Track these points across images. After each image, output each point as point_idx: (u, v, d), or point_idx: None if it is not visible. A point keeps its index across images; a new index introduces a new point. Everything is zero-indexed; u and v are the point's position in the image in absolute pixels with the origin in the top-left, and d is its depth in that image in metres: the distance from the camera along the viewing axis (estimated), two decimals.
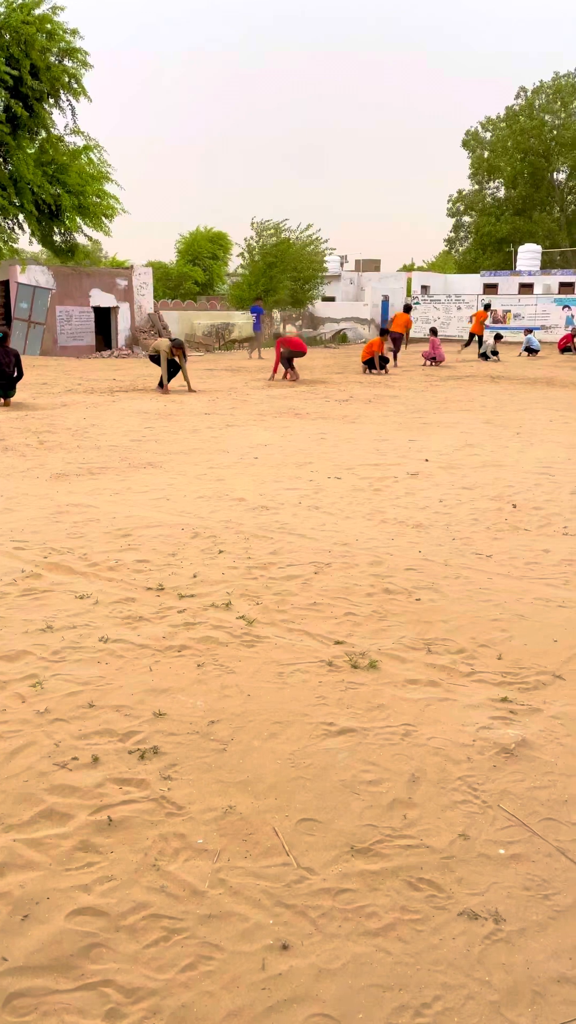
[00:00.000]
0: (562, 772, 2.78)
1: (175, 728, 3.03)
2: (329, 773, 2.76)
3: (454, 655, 3.71)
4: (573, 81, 43.37)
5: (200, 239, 50.82)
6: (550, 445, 9.31)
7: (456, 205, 47.17)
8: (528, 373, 19.61)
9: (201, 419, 11.45)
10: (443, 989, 1.90)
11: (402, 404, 13.26)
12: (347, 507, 6.40)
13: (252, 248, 30.33)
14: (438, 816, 2.54)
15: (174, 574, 4.71)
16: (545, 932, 2.08)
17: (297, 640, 3.85)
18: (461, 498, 6.70)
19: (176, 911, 2.13)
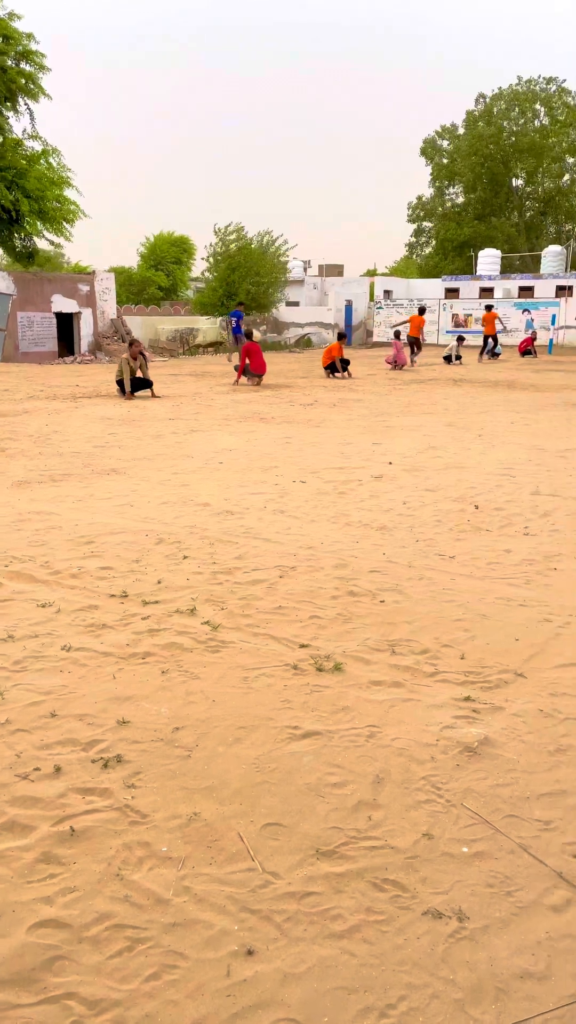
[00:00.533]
0: (524, 769, 2.82)
1: (139, 736, 3.00)
2: (294, 777, 2.76)
3: (418, 656, 3.74)
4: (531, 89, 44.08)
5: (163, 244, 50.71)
6: (511, 447, 9.43)
7: (416, 211, 47.60)
8: (490, 376, 19.85)
9: (165, 424, 11.40)
10: (408, 989, 1.91)
11: (366, 408, 13.34)
12: (312, 510, 6.42)
13: (216, 253, 30.33)
14: (402, 816, 2.56)
15: (138, 580, 4.68)
16: (508, 929, 2.09)
17: (262, 644, 3.85)
18: (424, 500, 6.75)
19: (140, 920, 2.12)
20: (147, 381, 15.20)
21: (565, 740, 3.01)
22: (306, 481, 7.51)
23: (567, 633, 3.98)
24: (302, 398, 14.89)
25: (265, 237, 30.68)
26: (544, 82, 44.24)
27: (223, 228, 30.16)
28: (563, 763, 2.86)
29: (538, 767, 2.83)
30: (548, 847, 2.42)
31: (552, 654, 3.75)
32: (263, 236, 30.71)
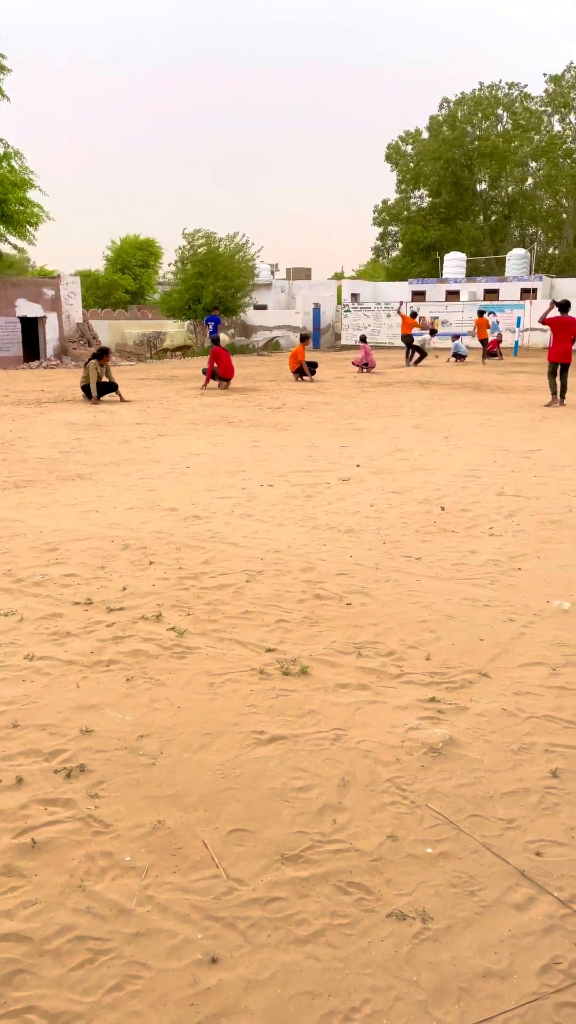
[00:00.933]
0: (488, 768, 2.84)
1: (103, 745, 2.97)
2: (259, 782, 2.75)
3: (384, 657, 3.75)
4: (493, 94, 44.60)
5: (129, 247, 50.45)
6: (477, 448, 9.51)
7: (382, 215, 47.91)
8: (456, 378, 20.03)
9: (132, 429, 11.34)
10: (371, 992, 1.91)
11: (334, 411, 13.38)
12: (279, 514, 6.42)
13: (184, 257, 30.26)
14: (367, 819, 2.56)
15: (103, 587, 4.64)
16: (471, 928, 2.11)
17: (228, 649, 3.83)
18: (391, 502, 6.79)
19: (102, 932, 2.09)
20: (113, 384, 15.11)
21: (528, 739, 3.04)
22: (274, 485, 7.51)
23: (531, 633, 4.02)
24: (270, 401, 14.90)
25: (233, 241, 30.69)
26: (506, 87, 44.82)
27: (192, 232, 30.12)
28: (526, 761, 2.88)
29: (501, 766, 2.85)
30: (511, 846, 2.44)
31: (516, 653, 3.79)
32: (231, 240, 30.72)
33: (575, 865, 2.35)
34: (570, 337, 13.56)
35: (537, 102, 44.42)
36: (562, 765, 2.86)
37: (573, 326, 13.54)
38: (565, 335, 13.56)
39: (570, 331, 13.56)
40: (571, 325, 13.54)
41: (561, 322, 13.56)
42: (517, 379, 19.59)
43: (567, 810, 2.61)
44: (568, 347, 13.57)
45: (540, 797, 2.68)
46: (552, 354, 13.76)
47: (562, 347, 13.58)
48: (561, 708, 3.27)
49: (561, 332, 13.59)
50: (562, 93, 42.82)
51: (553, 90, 43.19)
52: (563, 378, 13.85)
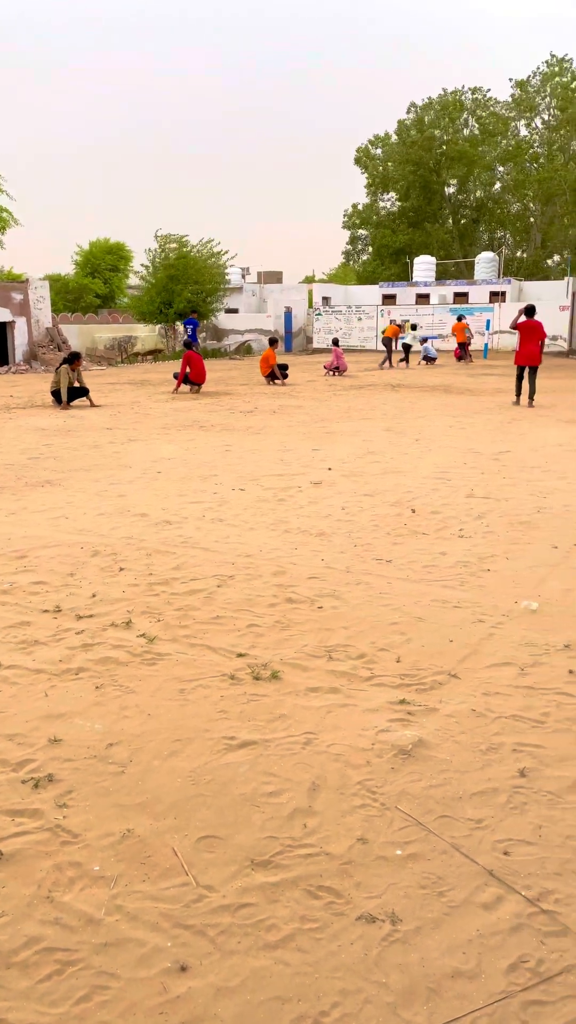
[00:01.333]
0: (457, 769, 2.86)
1: (71, 754, 2.95)
2: (230, 788, 2.75)
3: (355, 660, 3.76)
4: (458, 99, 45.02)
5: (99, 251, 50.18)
6: (447, 450, 9.59)
7: (352, 219, 48.14)
8: (427, 381, 20.17)
9: (103, 434, 11.27)
10: (341, 995, 1.91)
11: (306, 414, 13.41)
12: (251, 518, 6.42)
13: (154, 260, 30.16)
14: (337, 822, 2.57)
15: (72, 595, 4.61)
16: (440, 929, 2.12)
17: (199, 655, 3.82)
18: (363, 505, 6.82)
19: (71, 942, 2.08)
20: (84, 389, 15.02)
21: (497, 739, 3.07)
22: (245, 489, 7.51)
23: (500, 633, 4.06)
24: (242, 405, 14.89)
25: (207, 247, 30.64)
26: (470, 92, 45.27)
27: (165, 235, 30.01)
28: (494, 761, 2.91)
29: (470, 766, 2.88)
30: (479, 846, 2.46)
31: (485, 654, 3.82)
32: (204, 245, 30.67)
33: (543, 864, 2.38)
34: (537, 340, 13.89)
35: (503, 107, 44.93)
36: (530, 764, 2.89)
37: (540, 330, 13.92)
38: (532, 338, 13.89)
39: (536, 335, 13.89)
40: (538, 329, 13.90)
41: (528, 326, 13.90)
42: (487, 382, 19.77)
43: (535, 809, 2.64)
44: (535, 350, 13.90)
45: (508, 796, 2.70)
46: (519, 357, 14.09)
47: (529, 350, 13.91)
48: (529, 708, 3.30)
49: (528, 335, 13.90)
50: (528, 98, 43.36)
51: (519, 95, 43.72)
52: (531, 380, 14.14)
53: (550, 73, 42.93)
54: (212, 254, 30.83)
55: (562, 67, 42.64)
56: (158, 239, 30.04)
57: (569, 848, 2.44)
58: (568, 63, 42.46)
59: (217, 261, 30.97)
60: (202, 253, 30.56)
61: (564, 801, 2.68)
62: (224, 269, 31.62)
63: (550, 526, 6.08)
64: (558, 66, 42.75)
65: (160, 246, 30.16)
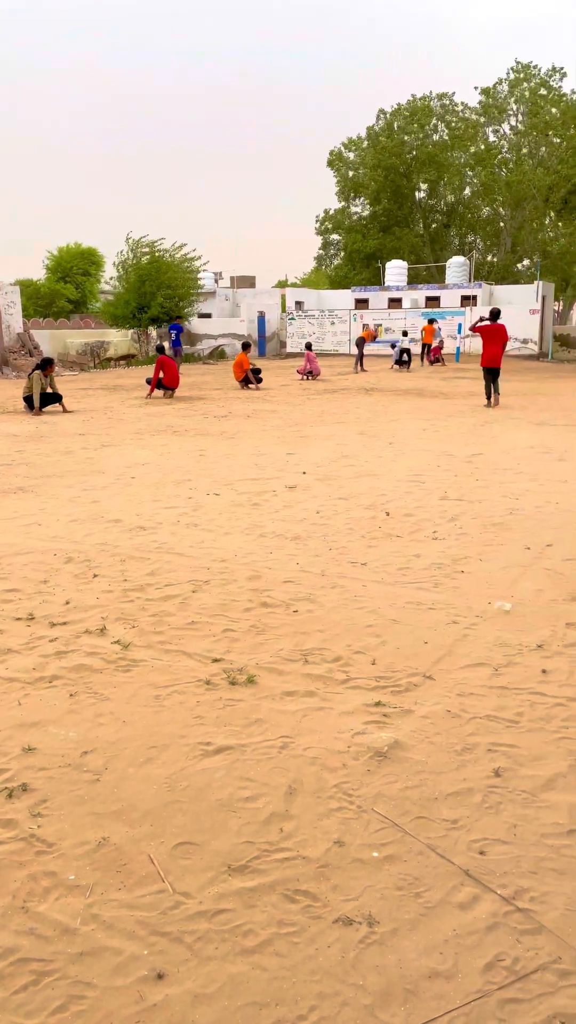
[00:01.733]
0: (432, 770, 2.87)
1: (46, 762, 2.93)
2: (206, 794, 2.74)
3: (330, 664, 3.77)
4: (426, 104, 45.36)
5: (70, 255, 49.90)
6: (421, 453, 9.65)
7: (324, 224, 48.30)
8: (400, 384, 20.28)
9: (76, 440, 11.20)
10: (319, 999, 1.92)
11: (280, 418, 13.42)
12: (226, 523, 6.41)
13: (126, 265, 30.02)
14: (314, 826, 2.57)
15: (45, 602, 4.57)
16: (416, 930, 2.13)
17: (174, 661, 3.81)
18: (337, 508, 6.83)
19: (46, 952, 2.06)
20: (56, 395, 14.91)
21: (472, 739, 3.09)
22: (220, 493, 7.50)
23: (473, 634, 4.09)
24: (216, 410, 14.87)
25: (180, 252, 30.56)
26: (437, 98, 45.64)
27: (137, 240, 29.88)
28: (469, 762, 2.93)
29: (446, 767, 2.89)
30: (455, 846, 2.47)
31: (460, 655, 3.85)
32: (177, 250, 30.58)
33: (518, 862, 2.40)
34: (499, 343, 14.31)
35: (472, 112, 45.36)
36: (504, 764, 2.91)
37: (502, 333, 14.33)
38: (494, 341, 14.33)
39: (498, 337, 14.31)
40: (500, 332, 14.32)
41: (490, 329, 14.33)
42: (459, 385, 19.92)
43: (510, 808, 2.66)
44: (498, 352, 14.31)
45: (483, 796, 2.72)
46: (484, 360, 14.54)
47: (493, 352, 14.32)
48: (503, 708, 3.33)
49: (490, 338, 14.33)
50: (495, 105, 43.82)
51: (486, 102, 44.17)
52: (494, 381, 14.59)
53: (516, 79, 43.44)
54: (185, 258, 30.77)
55: (528, 73, 43.15)
56: (129, 243, 29.91)
57: (544, 846, 2.47)
58: (534, 69, 42.97)
59: (190, 266, 30.90)
60: (175, 257, 30.48)
61: (538, 800, 2.70)
62: (196, 273, 31.56)
63: (522, 527, 6.14)
64: (523, 72, 43.26)
65: (132, 250, 30.03)
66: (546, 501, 7.01)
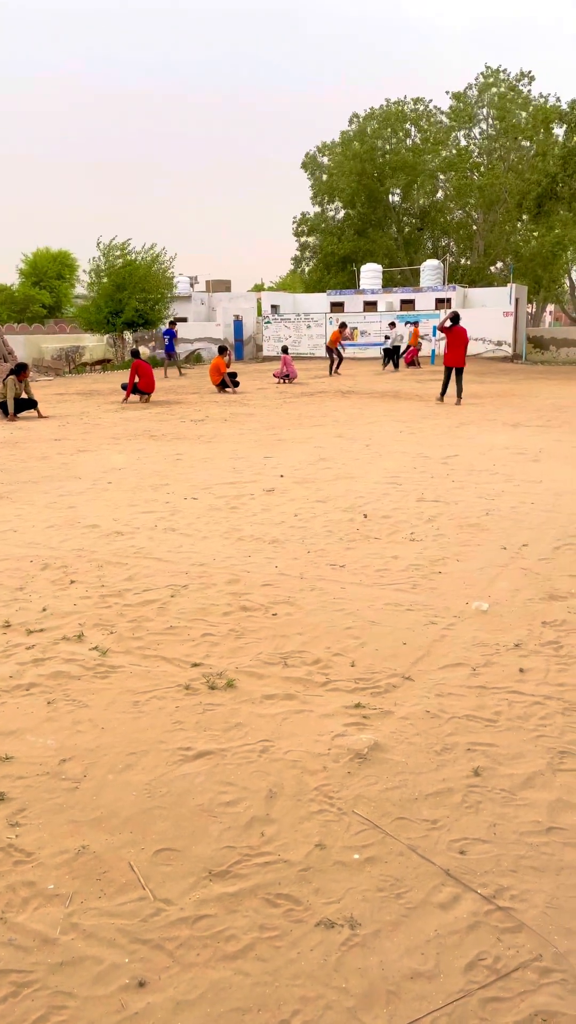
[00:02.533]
0: (412, 771, 2.88)
1: (23, 771, 2.90)
2: (186, 799, 2.73)
3: (310, 666, 3.77)
4: (400, 109, 45.65)
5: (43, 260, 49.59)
6: (398, 456, 9.69)
7: (300, 227, 48.41)
8: (376, 387, 20.36)
9: (51, 445, 11.11)
10: (301, 1003, 1.91)
11: (257, 422, 13.42)
12: (204, 527, 6.39)
13: (99, 270, 29.86)
14: (295, 829, 2.57)
15: (21, 609, 4.53)
16: (398, 931, 2.13)
17: (153, 666, 3.79)
18: (315, 511, 6.84)
19: (26, 963, 2.03)
20: (32, 401, 14.79)
21: (451, 739, 3.10)
22: (197, 498, 7.48)
23: (451, 635, 4.11)
24: (193, 414, 14.84)
25: (150, 252, 30.41)
26: (412, 103, 45.95)
27: (107, 243, 29.72)
28: (448, 762, 2.94)
29: (425, 767, 2.90)
30: (435, 846, 2.48)
31: (438, 656, 3.87)
32: (147, 251, 30.43)
33: (498, 861, 2.41)
34: (462, 345, 15.50)
35: (444, 116, 45.70)
36: (483, 763, 2.93)
37: (463, 335, 15.53)
38: (458, 343, 15.50)
39: (461, 340, 15.48)
40: (461, 334, 15.51)
41: (454, 332, 15.45)
42: (435, 387, 20.03)
43: (489, 807, 2.67)
44: (462, 353, 15.57)
45: (463, 796, 2.73)
46: (448, 359, 15.76)
47: (457, 353, 15.55)
48: (481, 707, 3.35)
49: (454, 340, 15.53)
50: (466, 109, 44.20)
51: (456, 106, 44.54)
52: (459, 380, 15.74)
53: (486, 84, 43.84)
54: (156, 259, 30.57)
55: (497, 78, 43.57)
56: (100, 247, 29.73)
57: (523, 844, 2.48)
58: (503, 73, 43.39)
59: (161, 267, 30.69)
60: (146, 259, 30.31)
61: (517, 798, 2.72)
62: (168, 273, 31.34)
63: (499, 528, 6.18)
64: (493, 77, 43.66)
65: (103, 254, 29.85)
66: (521, 502, 7.07)
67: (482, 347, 32.23)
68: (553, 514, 6.61)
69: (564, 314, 57.57)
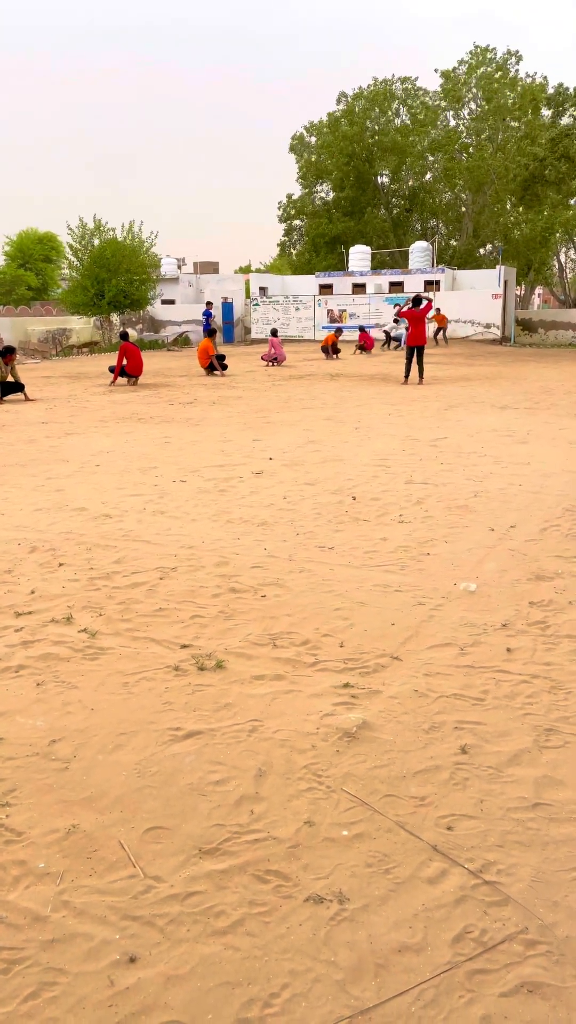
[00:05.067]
0: (400, 749, 2.91)
1: (13, 752, 2.90)
2: (176, 778, 2.74)
3: (299, 647, 3.79)
4: (388, 88, 45.23)
5: (29, 241, 49.07)
6: (386, 438, 9.69)
7: (287, 209, 48.03)
8: (365, 370, 20.32)
9: (39, 428, 11.05)
10: (291, 976, 1.93)
11: (246, 405, 13.38)
12: (193, 509, 6.38)
13: (77, 251, 29.54)
14: (284, 807, 2.59)
15: (9, 592, 4.52)
16: (386, 905, 2.16)
17: (143, 648, 3.80)
18: (304, 493, 6.84)
19: (17, 941, 2.05)
20: (19, 384, 14.69)
21: (439, 717, 3.13)
22: (186, 480, 7.46)
23: (439, 615, 4.14)
24: (181, 397, 14.77)
25: (130, 232, 30.05)
26: (399, 82, 45.51)
27: (80, 225, 29.34)
28: (436, 740, 2.97)
29: (413, 745, 2.93)
30: (423, 822, 2.50)
31: (426, 636, 3.89)
32: (127, 231, 30.07)
33: (485, 836, 2.44)
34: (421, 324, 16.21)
35: (433, 96, 45.30)
36: (471, 741, 2.96)
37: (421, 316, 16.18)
38: (419, 323, 16.20)
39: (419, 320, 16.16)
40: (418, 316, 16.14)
41: (412, 314, 16.13)
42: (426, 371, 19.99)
43: (476, 784, 2.70)
44: (421, 331, 16.23)
45: (450, 773, 2.76)
46: (409, 339, 16.44)
47: (418, 331, 16.20)
48: (469, 686, 3.37)
49: (414, 321, 16.16)
50: (455, 89, 43.83)
51: (445, 85, 44.14)
52: (420, 360, 16.47)
53: (475, 64, 43.47)
54: (137, 239, 30.21)
55: (485, 57, 43.19)
56: (71, 231, 29.33)
57: (510, 820, 2.51)
58: (492, 52, 43.01)
59: (143, 246, 30.30)
60: (127, 239, 29.97)
61: (504, 775, 2.75)
62: (150, 251, 30.95)
63: (487, 509, 6.21)
64: (481, 56, 43.29)
65: (80, 236, 29.45)
66: (509, 483, 7.10)
67: (471, 329, 32.19)
68: (540, 495, 6.64)
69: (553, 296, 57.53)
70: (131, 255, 29.33)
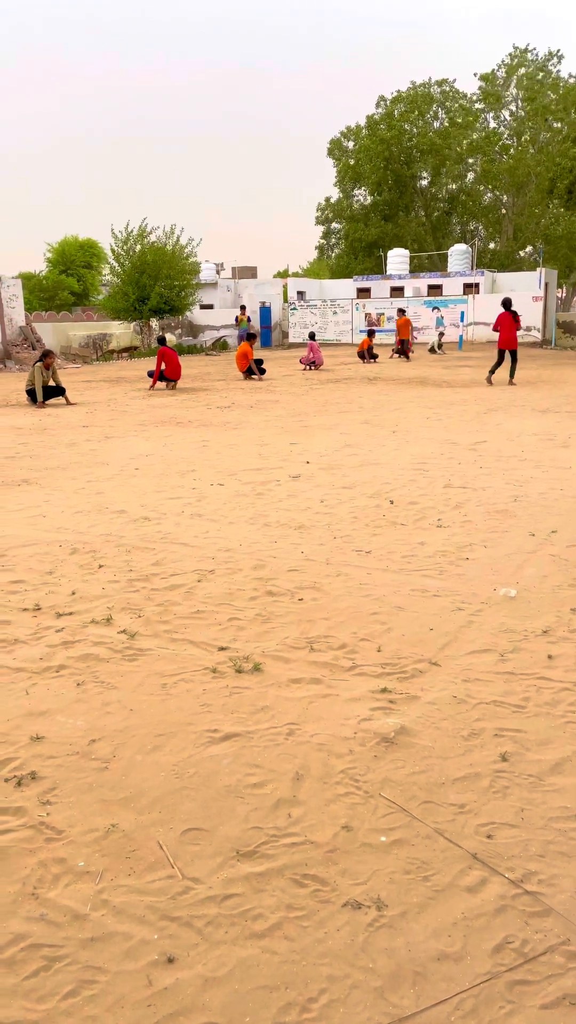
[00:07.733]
0: (439, 755, 2.88)
1: (54, 751, 2.94)
2: (214, 780, 2.75)
3: (336, 651, 3.77)
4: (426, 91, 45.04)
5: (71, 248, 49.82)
6: (424, 442, 9.63)
7: (325, 213, 48.06)
8: (403, 374, 20.23)
9: (79, 432, 11.19)
10: (328, 982, 1.92)
11: (283, 408, 13.40)
12: (230, 513, 6.41)
13: (119, 256, 29.89)
14: (322, 811, 2.58)
15: (51, 592, 4.58)
16: (425, 912, 2.14)
17: (181, 650, 3.82)
18: (341, 497, 6.83)
19: (57, 938, 2.07)
20: (60, 388, 14.90)
21: (478, 724, 3.09)
22: (224, 484, 7.49)
23: (479, 620, 4.09)
24: (219, 401, 14.85)
25: (171, 236, 30.32)
26: (436, 84, 45.30)
27: (123, 230, 29.69)
28: (476, 747, 2.93)
29: (452, 752, 2.90)
30: (463, 830, 2.48)
31: (465, 641, 3.85)
32: (168, 235, 30.34)
33: (526, 846, 2.40)
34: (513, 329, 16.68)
35: (472, 99, 45.02)
36: (511, 749, 2.92)
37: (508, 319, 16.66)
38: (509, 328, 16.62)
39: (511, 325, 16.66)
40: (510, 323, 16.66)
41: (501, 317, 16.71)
42: (462, 373, 19.87)
43: (517, 792, 2.66)
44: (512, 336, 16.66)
45: (490, 781, 2.72)
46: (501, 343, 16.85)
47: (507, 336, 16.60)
48: (509, 693, 3.33)
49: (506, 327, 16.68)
50: (494, 91, 43.50)
51: (485, 87, 43.84)
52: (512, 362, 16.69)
53: (514, 65, 43.10)
54: (178, 244, 30.47)
55: (524, 58, 42.80)
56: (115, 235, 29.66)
57: (551, 830, 2.47)
58: (531, 54, 42.61)
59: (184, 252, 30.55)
60: (168, 243, 30.23)
61: (545, 784, 2.70)
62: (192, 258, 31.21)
63: (527, 514, 6.13)
64: (520, 57, 42.91)
65: (123, 242, 29.79)
66: (550, 488, 7.00)
67: None
68: None
69: None
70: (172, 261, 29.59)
